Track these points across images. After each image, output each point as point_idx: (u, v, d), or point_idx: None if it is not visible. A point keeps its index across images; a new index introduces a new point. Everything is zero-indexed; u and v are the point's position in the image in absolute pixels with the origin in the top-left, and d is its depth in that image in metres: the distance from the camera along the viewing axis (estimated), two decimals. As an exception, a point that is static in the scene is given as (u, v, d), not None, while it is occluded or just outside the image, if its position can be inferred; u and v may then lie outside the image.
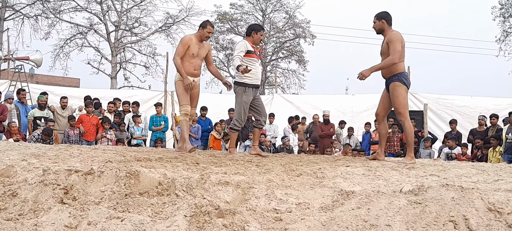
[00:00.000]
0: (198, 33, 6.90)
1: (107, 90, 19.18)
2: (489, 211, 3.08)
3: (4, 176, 3.97)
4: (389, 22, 6.15)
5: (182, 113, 6.85)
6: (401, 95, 6.01)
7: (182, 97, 6.82)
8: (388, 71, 6.08)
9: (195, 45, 6.80)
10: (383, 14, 6.20)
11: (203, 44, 6.95)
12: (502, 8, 30.78)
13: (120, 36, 30.44)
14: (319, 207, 3.41)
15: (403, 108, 6.05)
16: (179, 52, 6.70)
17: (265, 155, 6.62)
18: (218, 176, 4.08)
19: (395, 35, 5.99)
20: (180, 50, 6.71)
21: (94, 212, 3.20)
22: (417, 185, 3.86)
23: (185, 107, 6.82)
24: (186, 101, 6.83)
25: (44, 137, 10.32)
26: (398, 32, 6.07)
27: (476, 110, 14.41)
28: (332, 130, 14.06)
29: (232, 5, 34.14)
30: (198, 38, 6.86)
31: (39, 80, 29.15)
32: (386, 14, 6.19)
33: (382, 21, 6.15)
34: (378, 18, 6.18)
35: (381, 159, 6.15)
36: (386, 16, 6.16)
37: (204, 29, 6.82)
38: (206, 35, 6.86)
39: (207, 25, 6.84)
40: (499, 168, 5.20)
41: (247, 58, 6.65)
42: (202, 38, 6.88)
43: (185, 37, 6.89)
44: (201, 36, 6.86)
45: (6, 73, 19.29)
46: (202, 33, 6.84)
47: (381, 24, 6.16)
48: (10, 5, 27.63)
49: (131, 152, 6.22)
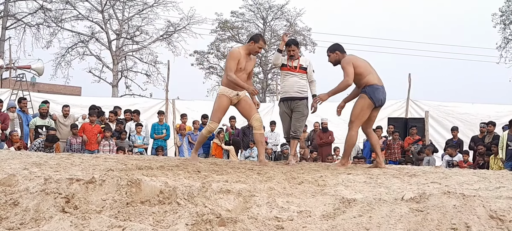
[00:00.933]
0: (247, 46, 6.61)
1: (109, 98, 19.22)
2: (491, 219, 3.07)
3: (6, 185, 3.97)
4: (342, 51, 6.32)
5: (207, 128, 6.70)
6: (361, 107, 6.15)
7: (217, 113, 6.59)
8: (358, 85, 6.25)
9: (243, 59, 6.52)
10: (334, 46, 6.39)
11: (251, 57, 6.67)
12: (503, 15, 30.85)
13: (121, 44, 30.56)
14: (321, 215, 3.40)
15: (355, 119, 6.21)
16: (232, 68, 6.40)
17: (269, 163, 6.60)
18: (219, 184, 4.08)
19: (345, 60, 6.18)
20: (232, 66, 6.40)
21: (96, 221, 3.19)
22: (418, 192, 3.86)
23: (213, 125, 6.66)
24: (217, 119, 6.62)
25: (47, 144, 10.33)
26: (349, 55, 6.29)
27: (477, 117, 14.40)
28: (331, 137, 14.04)
29: (233, 13, 34.25)
30: (246, 51, 6.56)
31: (41, 89, 29.24)
32: (338, 46, 6.37)
33: (335, 53, 6.32)
34: (331, 51, 6.36)
35: (382, 167, 6.15)
36: (338, 47, 6.35)
37: (255, 43, 6.51)
38: (256, 50, 6.58)
39: (259, 40, 6.54)
40: (500, 175, 5.19)
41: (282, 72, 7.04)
42: (251, 52, 6.59)
43: (235, 52, 6.57)
44: (251, 50, 6.57)
45: (8, 82, 19.34)
46: (253, 48, 6.54)
47: (335, 56, 6.33)
48: (12, 14, 27.77)
49: (132, 160, 6.23)
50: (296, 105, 6.99)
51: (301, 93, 7.04)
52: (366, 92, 6.10)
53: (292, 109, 6.99)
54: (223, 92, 6.55)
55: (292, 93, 6.99)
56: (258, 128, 6.61)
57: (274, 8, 34.17)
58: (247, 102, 6.69)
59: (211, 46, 34.68)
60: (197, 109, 14.68)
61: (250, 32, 34.34)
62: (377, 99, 6.12)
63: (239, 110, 6.77)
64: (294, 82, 7.01)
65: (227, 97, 6.53)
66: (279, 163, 7.35)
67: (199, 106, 15.43)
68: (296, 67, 7.03)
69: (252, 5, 34.08)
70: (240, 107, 6.69)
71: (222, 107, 6.57)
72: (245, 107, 6.67)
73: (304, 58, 7.27)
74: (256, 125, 6.60)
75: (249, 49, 6.56)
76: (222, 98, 6.54)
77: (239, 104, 6.66)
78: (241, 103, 6.66)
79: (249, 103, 6.70)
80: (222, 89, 6.58)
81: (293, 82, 7.01)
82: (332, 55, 6.31)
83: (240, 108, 6.71)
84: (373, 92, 6.08)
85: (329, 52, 6.35)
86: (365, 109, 6.13)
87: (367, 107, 6.13)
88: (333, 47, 6.36)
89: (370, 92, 6.08)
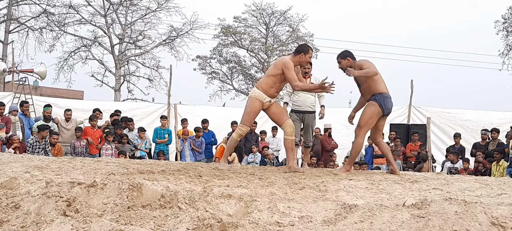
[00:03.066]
0: (297, 58, 6.38)
1: (111, 102, 19.24)
2: (493, 226, 3.07)
3: (7, 188, 3.98)
4: (353, 58, 6.30)
5: (238, 131, 6.53)
6: (371, 114, 6.17)
7: (249, 116, 6.48)
8: (368, 92, 6.26)
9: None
10: (345, 52, 6.35)
11: (297, 68, 6.57)
12: (505, 22, 30.80)
13: (124, 49, 30.61)
14: (322, 221, 3.40)
15: (364, 125, 6.23)
16: (295, 77, 6.26)
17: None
18: (220, 188, 4.08)
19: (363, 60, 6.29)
20: (294, 75, 6.25)
21: (97, 225, 3.19)
22: (420, 198, 3.85)
23: (245, 128, 6.52)
24: (249, 122, 6.52)
25: (40, 135, 10.37)
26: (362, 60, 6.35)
27: (480, 124, 14.36)
28: (334, 143, 14.03)
29: (235, 19, 34.27)
30: (296, 63, 6.39)
31: (43, 93, 29.32)
32: (348, 52, 6.34)
33: (347, 59, 6.28)
34: (343, 57, 6.31)
35: (397, 173, 6.16)
36: (349, 53, 6.33)
37: (306, 55, 6.36)
38: (307, 60, 6.49)
39: (309, 50, 6.44)
40: (502, 182, 5.19)
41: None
42: (300, 63, 6.51)
43: (291, 63, 6.30)
44: (301, 62, 6.45)
45: (10, 85, 19.38)
46: (303, 59, 6.41)
47: (347, 62, 6.28)
48: (15, 18, 27.84)
49: (134, 164, 6.23)
50: (308, 118, 7.94)
51: (312, 108, 8.02)
52: (376, 100, 6.14)
53: (303, 120, 7.97)
54: (258, 97, 6.39)
55: (304, 108, 7.94)
56: (290, 133, 6.50)
57: (277, 13, 34.14)
58: (278, 108, 6.65)
59: (214, 51, 34.69)
60: (199, 114, 14.70)
61: (253, 37, 34.41)
62: (387, 108, 6.18)
63: (270, 115, 6.65)
64: (306, 98, 7.90)
65: (261, 102, 6.40)
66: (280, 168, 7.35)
67: (201, 111, 15.44)
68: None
69: (255, 11, 34.07)
70: (271, 113, 6.57)
71: (255, 111, 6.46)
72: (277, 113, 6.58)
73: (314, 77, 7.87)
74: (288, 131, 6.50)
75: (300, 61, 6.42)
76: (256, 102, 6.40)
77: (270, 110, 6.55)
78: (272, 108, 6.55)
79: (280, 109, 6.73)
80: (257, 93, 6.39)
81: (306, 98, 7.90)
82: (344, 62, 6.26)
83: (271, 114, 6.59)
84: (383, 100, 6.15)
85: (340, 59, 6.30)
86: (374, 116, 6.17)
87: (376, 115, 6.17)
88: (344, 54, 6.32)
89: (380, 100, 6.13)
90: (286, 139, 6.55)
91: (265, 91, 6.39)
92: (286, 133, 6.53)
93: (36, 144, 10.38)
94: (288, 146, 6.54)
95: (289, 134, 6.49)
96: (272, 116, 6.63)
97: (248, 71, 35.10)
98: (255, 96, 6.39)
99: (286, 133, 6.53)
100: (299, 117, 7.93)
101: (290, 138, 6.50)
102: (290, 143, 6.51)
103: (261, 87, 6.41)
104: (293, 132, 6.53)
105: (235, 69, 35.32)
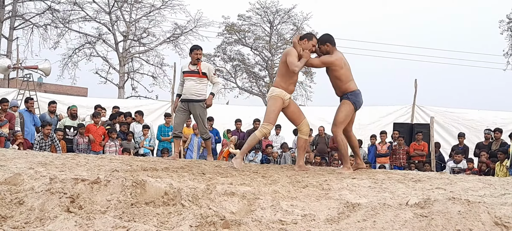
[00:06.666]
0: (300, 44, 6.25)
1: (115, 99, 19.27)
2: (496, 225, 3.06)
3: (12, 184, 4.00)
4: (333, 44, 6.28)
5: (262, 130, 6.30)
6: (345, 112, 6.24)
7: (273, 115, 6.28)
8: (340, 91, 6.32)
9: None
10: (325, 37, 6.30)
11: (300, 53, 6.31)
12: (510, 22, 30.71)
13: (128, 46, 30.66)
14: (325, 219, 3.41)
15: (340, 123, 6.26)
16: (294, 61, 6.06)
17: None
18: (224, 186, 4.09)
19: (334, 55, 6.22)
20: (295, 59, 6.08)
21: (100, 221, 3.20)
22: (423, 198, 3.84)
23: (269, 127, 6.31)
24: (273, 121, 6.34)
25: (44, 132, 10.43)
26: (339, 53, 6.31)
27: (483, 124, 14.33)
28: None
29: (240, 17, 34.28)
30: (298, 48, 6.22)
31: (47, 89, 29.38)
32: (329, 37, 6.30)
33: (326, 45, 6.26)
34: (322, 42, 6.28)
35: (362, 167, 6.44)
36: (329, 38, 6.28)
37: (309, 41, 6.23)
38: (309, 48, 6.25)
39: (313, 37, 6.30)
40: (506, 182, 5.17)
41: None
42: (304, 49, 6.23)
43: (292, 49, 6.20)
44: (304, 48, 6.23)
45: (15, 81, 19.43)
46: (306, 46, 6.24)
47: (326, 48, 6.27)
48: (19, 15, 27.93)
49: (137, 161, 6.24)
50: (193, 107, 7.77)
51: (197, 97, 7.76)
52: (349, 99, 6.23)
53: (190, 110, 7.84)
54: (280, 95, 6.28)
55: (188, 96, 7.76)
56: (306, 132, 6.49)
57: (281, 12, 34.14)
58: (296, 106, 6.60)
59: (218, 49, 34.74)
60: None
61: (257, 35, 34.40)
62: (359, 104, 6.34)
63: (287, 114, 6.52)
64: (191, 86, 7.76)
65: (282, 100, 6.31)
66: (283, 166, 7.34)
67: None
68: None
69: (259, 9, 34.09)
70: (290, 111, 6.47)
71: (278, 109, 6.34)
72: (295, 111, 6.50)
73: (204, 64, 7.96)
74: (304, 130, 6.47)
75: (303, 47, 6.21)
76: (279, 101, 6.29)
77: (289, 108, 6.45)
78: (291, 106, 6.46)
79: (298, 108, 6.65)
80: (279, 92, 6.28)
81: (190, 85, 7.75)
82: (323, 47, 6.24)
83: (290, 112, 6.48)
84: (355, 98, 6.26)
85: (320, 44, 6.27)
86: (349, 114, 6.29)
87: (350, 113, 6.29)
88: (324, 38, 6.26)
89: (352, 98, 6.24)
90: (300, 137, 6.57)
91: (285, 89, 6.32)
92: (301, 132, 6.53)
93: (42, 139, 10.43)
94: (300, 145, 6.57)
95: (305, 133, 6.50)
96: (291, 114, 6.52)
97: (252, 69, 35.13)
98: (277, 95, 6.29)
99: (301, 132, 6.53)
100: (184, 106, 7.79)
101: (304, 137, 6.53)
102: (304, 142, 6.56)
103: (280, 86, 6.31)
104: (308, 131, 6.57)
105: (239, 67, 35.35)
